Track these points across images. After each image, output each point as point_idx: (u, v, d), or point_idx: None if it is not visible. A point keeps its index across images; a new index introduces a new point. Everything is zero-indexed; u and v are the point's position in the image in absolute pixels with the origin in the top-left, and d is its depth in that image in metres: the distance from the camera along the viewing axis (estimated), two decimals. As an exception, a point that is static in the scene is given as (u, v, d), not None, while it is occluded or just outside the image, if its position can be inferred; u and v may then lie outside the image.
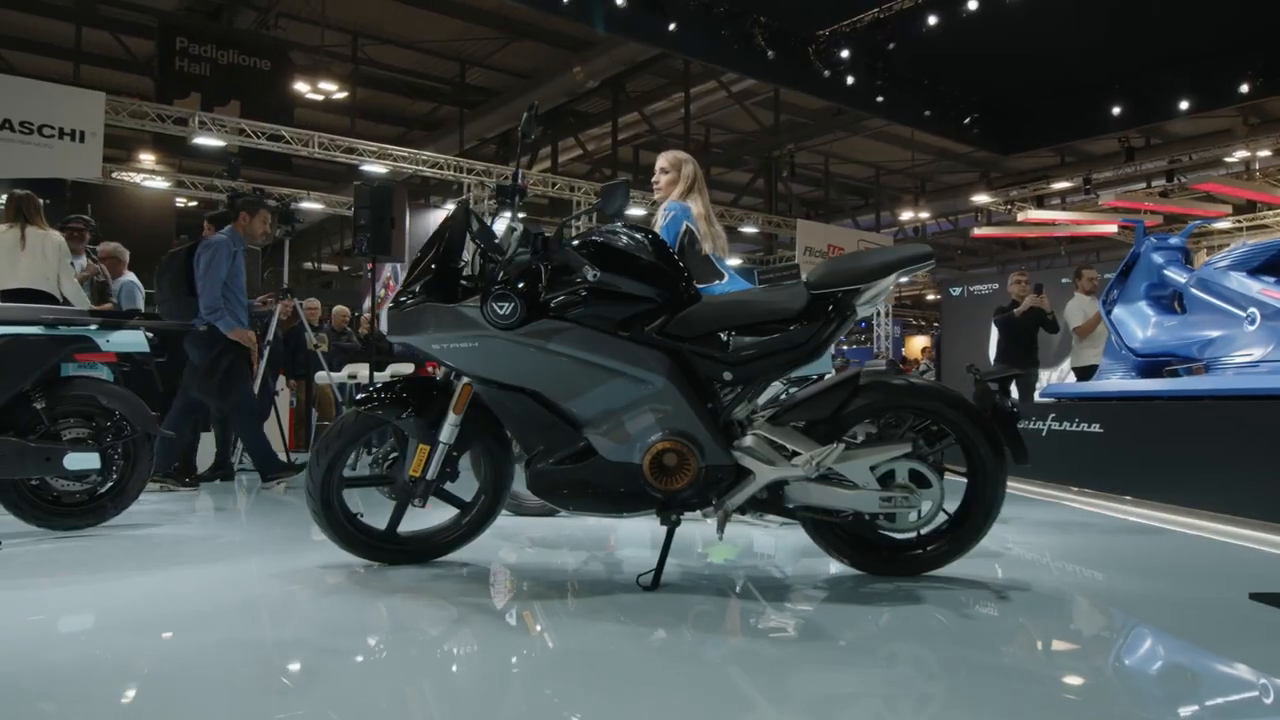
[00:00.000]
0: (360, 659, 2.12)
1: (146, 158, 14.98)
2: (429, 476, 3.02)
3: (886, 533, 3.00)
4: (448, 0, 13.30)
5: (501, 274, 2.87)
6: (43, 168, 9.42)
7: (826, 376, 3.24)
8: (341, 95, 14.78)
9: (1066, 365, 8.87)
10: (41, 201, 6.26)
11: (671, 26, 10.90)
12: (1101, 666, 2.19)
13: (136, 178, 14.28)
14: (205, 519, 4.41)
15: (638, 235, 2.96)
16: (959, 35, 11.23)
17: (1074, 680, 2.02)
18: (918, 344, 23.44)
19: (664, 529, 2.90)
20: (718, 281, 4.23)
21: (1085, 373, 7.47)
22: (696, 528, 3.90)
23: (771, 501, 2.93)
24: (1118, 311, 6.23)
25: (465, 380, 2.97)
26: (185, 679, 1.95)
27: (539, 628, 2.44)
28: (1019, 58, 12.73)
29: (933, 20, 10.78)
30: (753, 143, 18.26)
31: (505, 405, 2.91)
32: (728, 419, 2.93)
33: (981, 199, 18.33)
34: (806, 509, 2.91)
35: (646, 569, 2.85)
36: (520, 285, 2.83)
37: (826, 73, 12.06)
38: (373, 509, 3.25)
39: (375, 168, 12.88)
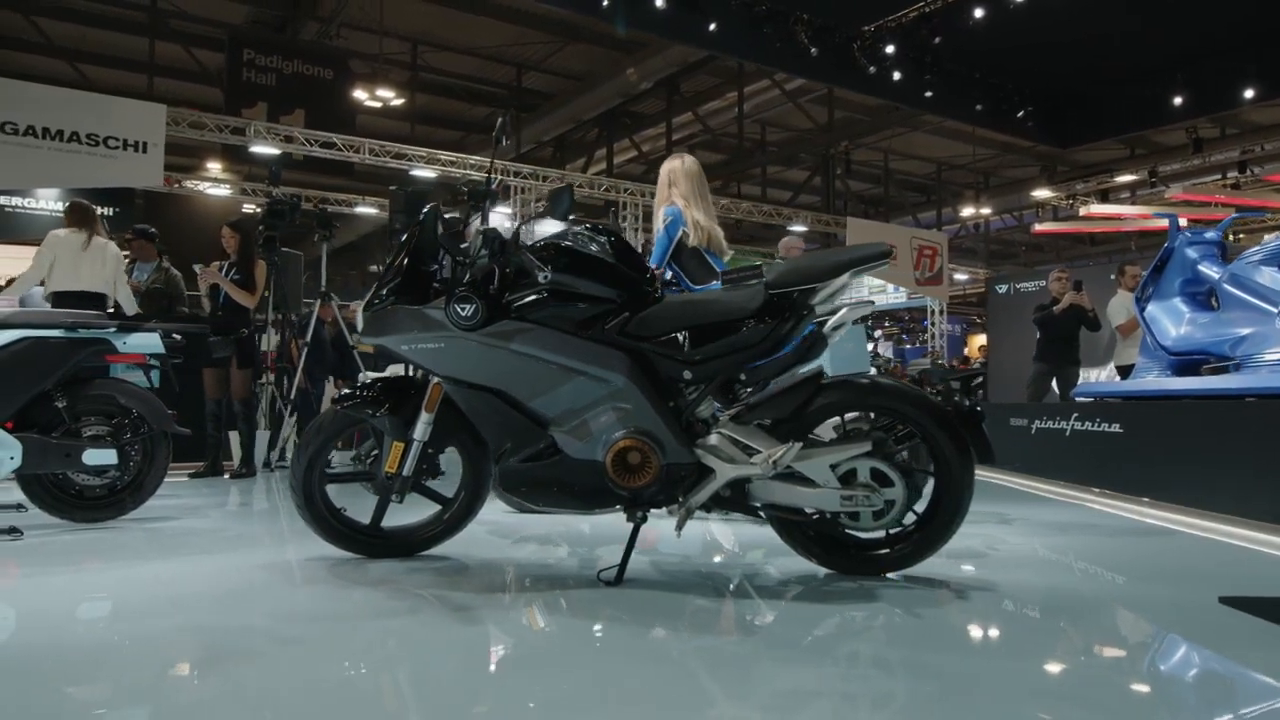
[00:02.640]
0: (301, 645, 2.22)
1: (213, 166, 15.53)
2: (405, 473, 3.13)
3: (853, 532, 3.01)
4: (503, 6, 13.51)
5: (468, 276, 2.96)
6: (108, 178, 9.86)
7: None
8: (398, 102, 15.11)
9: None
10: (112, 210, 6.61)
11: (712, 27, 10.89)
12: (1058, 668, 2.16)
13: (202, 186, 14.81)
14: (222, 513, 4.60)
15: (600, 237, 3.02)
16: (1009, 26, 10.97)
17: (1030, 681, 2.00)
18: (979, 342, 22.96)
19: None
20: (715, 282, 4.26)
21: (1128, 371, 7.28)
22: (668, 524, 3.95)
23: (736, 499, 2.96)
24: (1151, 309, 6.06)
25: (436, 380, 3.07)
26: (130, 659, 2.07)
27: (500, 622, 2.49)
28: (1074, 47, 12.35)
29: (979, 13, 10.57)
30: (809, 140, 18.14)
31: (472, 404, 3.00)
32: (691, 417, 2.97)
33: (1042, 194, 17.87)
34: (771, 507, 2.94)
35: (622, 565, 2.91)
36: (484, 287, 2.92)
37: (872, 69, 11.90)
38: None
39: (424, 172, 13.16)
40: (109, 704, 1.84)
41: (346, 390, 3.27)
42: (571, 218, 3.10)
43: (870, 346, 11.99)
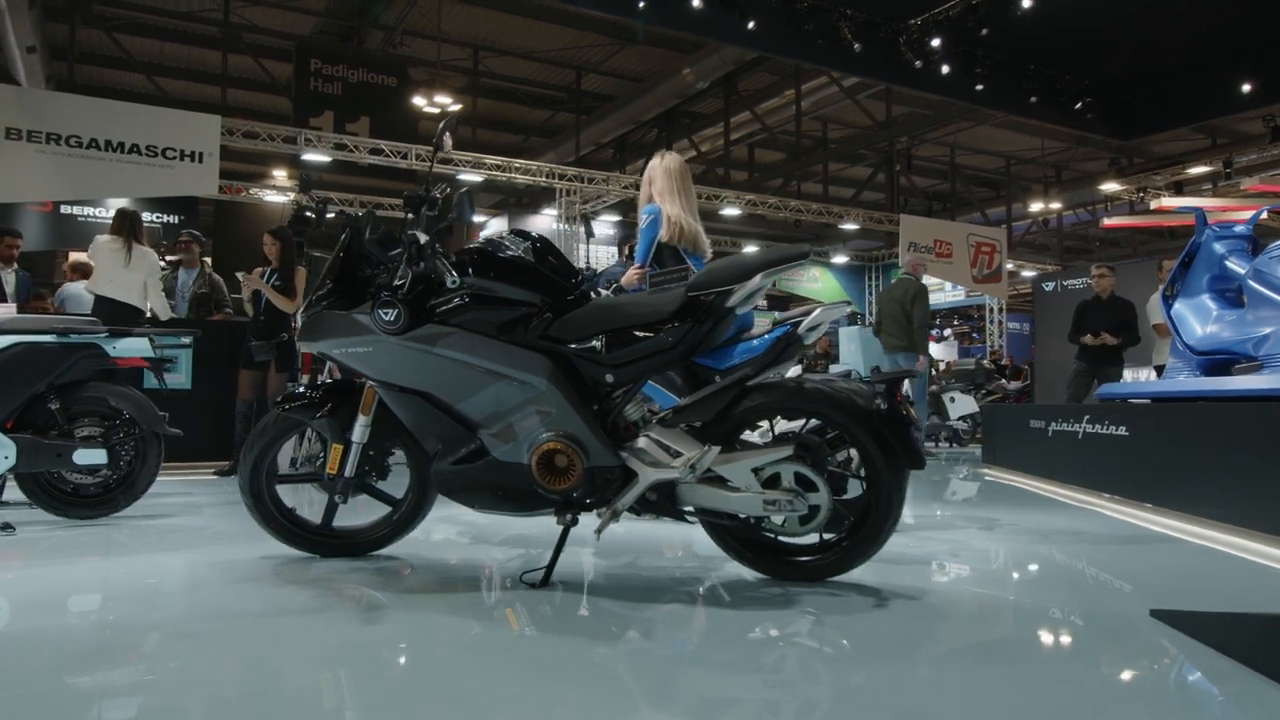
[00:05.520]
0: (190, 643, 2.29)
1: (279, 173, 16.06)
2: (346, 474, 3.20)
3: (782, 537, 2.97)
4: (561, 10, 13.62)
5: (396, 281, 3.01)
6: (167, 187, 10.29)
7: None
8: (456, 107, 15.36)
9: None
10: (178, 218, 6.99)
11: (750, 25, 10.78)
12: (973, 678, 2.10)
13: (267, 194, 15.31)
14: (216, 511, 4.74)
15: (523, 242, 3.05)
16: (1061, 15, 10.59)
17: (948, 693, 1.95)
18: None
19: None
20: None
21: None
22: (624, 525, 3.95)
23: (663, 503, 2.94)
24: (1178, 306, 5.80)
25: (370, 383, 3.13)
26: (45, 652, 2.17)
27: (416, 624, 2.48)
28: (1133, 34, 11.83)
29: (1027, 2, 10.23)
30: (871, 137, 17.84)
31: (403, 407, 3.05)
32: (617, 420, 2.96)
33: (1111, 187, 17.19)
34: (699, 511, 2.92)
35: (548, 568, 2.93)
36: (409, 292, 2.96)
37: (918, 63, 11.62)
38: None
39: (471, 176, 13.37)
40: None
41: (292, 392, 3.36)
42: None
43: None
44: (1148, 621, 2.51)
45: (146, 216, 14.21)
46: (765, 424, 3.16)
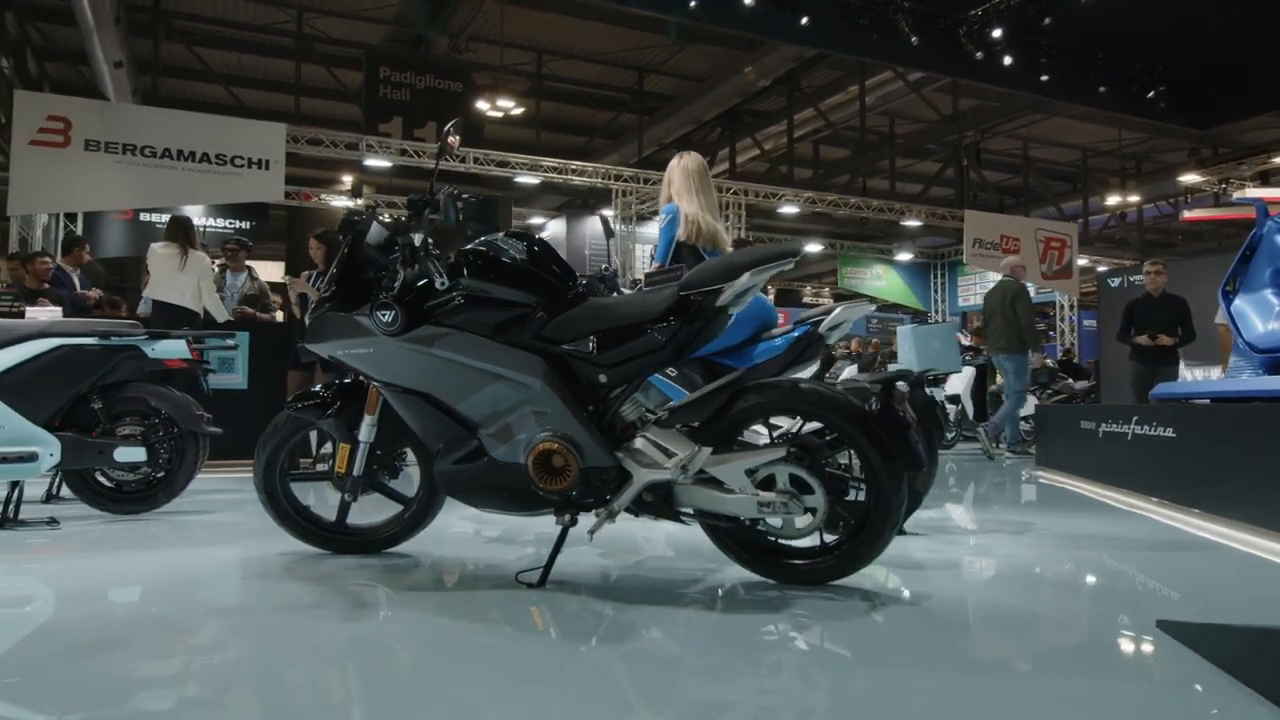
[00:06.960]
0: (177, 636, 2.36)
1: (347, 179, 16.46)
2: (355, 473, 3.27)
3: (781, 540, 2.93)
4: (623, 12, 13.64)
5: (398, 283, 3.05)
6: (235, 194, 10.63)
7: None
8: (519, 111, 15.53)
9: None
10: (249, 224, 7.21)
11: (804, 21, 10.63)
12: (976, 688, 2.04)
13: (334, 199, 15.70)
14: (255, 508, 4.79)
15: (517, 243, 3.06)
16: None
17: (944, 699, 1.91)
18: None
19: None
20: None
21: (1236, 372, 6.65)
22: (634, 525, 3.94)
23: (660, 504, 2.93)
24: (1238, 302, 5.53)
25: (373, 384, 3.18)
26: (58, 642, 2.27)
27: (414, 624, 2.49)
28: (1206, 17, 11.23)
29: (1091, -11, 9.89)
30: (938, 131, 17.47)
31: (405, 407, 3.10)
32: (614, 420, 2.96)
33: (1191, 178, 16.48)
34: (695, 512, 2.90)
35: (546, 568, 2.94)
36: (406, 293, 3.00)
37: (979, 55, 11.31)
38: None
39: (528, 179, 13.49)
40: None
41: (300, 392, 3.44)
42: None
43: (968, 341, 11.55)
44: (1153, 633, 2.40)
45: (220, 223, 14.76)
46: (782, 425, 3.12)
